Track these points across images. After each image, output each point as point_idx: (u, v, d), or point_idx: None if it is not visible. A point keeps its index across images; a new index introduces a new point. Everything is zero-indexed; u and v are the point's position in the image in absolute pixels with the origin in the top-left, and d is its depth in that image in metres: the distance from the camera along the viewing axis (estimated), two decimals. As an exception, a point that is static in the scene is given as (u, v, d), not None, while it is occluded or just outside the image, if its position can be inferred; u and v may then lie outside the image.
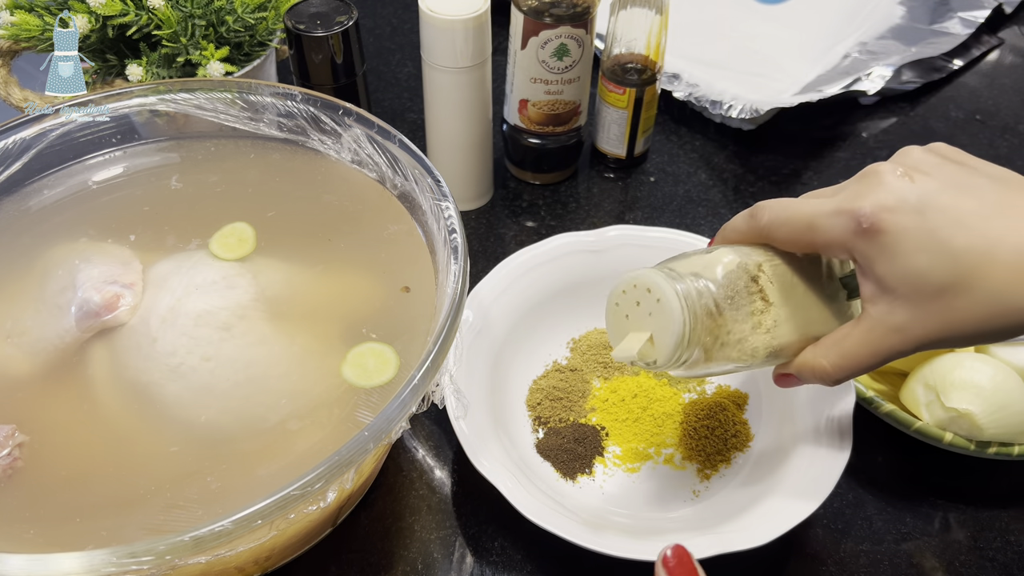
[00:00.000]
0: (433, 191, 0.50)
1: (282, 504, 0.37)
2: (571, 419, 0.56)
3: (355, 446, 0.39)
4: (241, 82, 0.57)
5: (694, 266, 0.42)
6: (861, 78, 0.81)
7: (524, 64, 0.66)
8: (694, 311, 0.41)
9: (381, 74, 0.86)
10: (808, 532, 0.53)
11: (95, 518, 0.42)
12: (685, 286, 0.41)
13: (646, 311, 0.42)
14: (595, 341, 0.60)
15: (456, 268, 0.46)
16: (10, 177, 0.55)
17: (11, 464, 0.43)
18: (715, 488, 0.53)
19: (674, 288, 0.41)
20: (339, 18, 0.62)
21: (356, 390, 0.47)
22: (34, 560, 0.35)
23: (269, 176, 0.58)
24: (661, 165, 0.77)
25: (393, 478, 0.55)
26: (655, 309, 0.42)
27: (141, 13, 0.61)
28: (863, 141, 0.80)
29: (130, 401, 0.46)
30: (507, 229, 0.72)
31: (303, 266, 0.53)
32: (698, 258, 0.43)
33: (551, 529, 0.46)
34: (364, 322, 0.49)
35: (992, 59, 0.89)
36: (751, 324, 0.42)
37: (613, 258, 0.60)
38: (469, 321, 0.56)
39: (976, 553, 0.52)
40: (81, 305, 0.49)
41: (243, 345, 0.48)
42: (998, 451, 0.52)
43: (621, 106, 0.71)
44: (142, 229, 0.54)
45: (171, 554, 0.35)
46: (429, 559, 0.52)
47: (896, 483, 0.55)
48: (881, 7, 0.90)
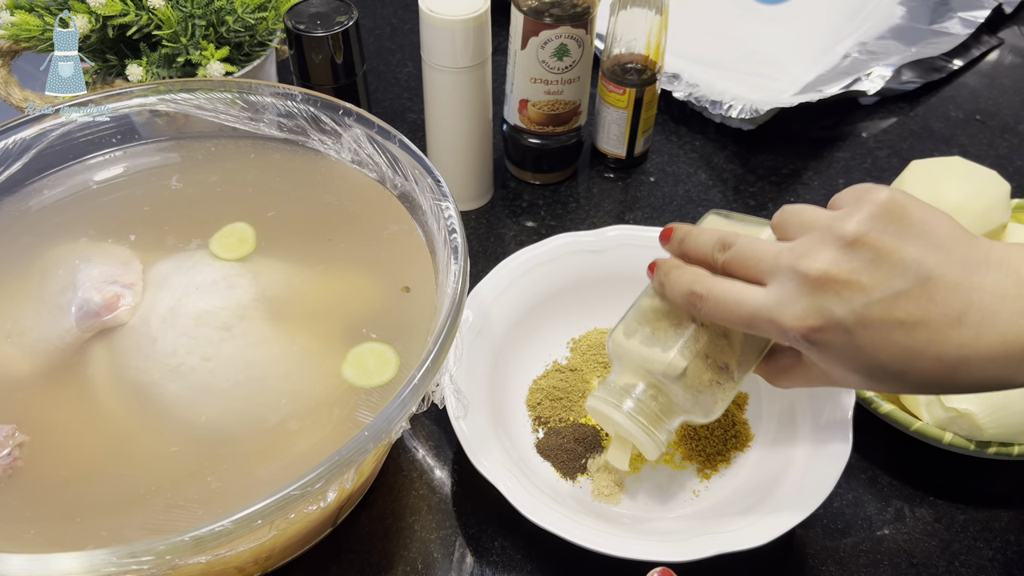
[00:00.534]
0: (433, 191, 0.50)
1: (282, 504, 0.37)
2: (571, 419, 0.56)
3: (355, 446, 0.39)
4: (241, 82, 0.57)
5: (652, 364, 0.46)
6: (861, 78, 0.81)
7: (524, 64, 0.66)
8: (666, 431, 0.47)
9: (381, 74, 0.86)
10: (808, 532, 0.53)
11: (95, 518, 0.42)
12: (646, 412, 0.47)
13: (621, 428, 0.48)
14: (595, 341, 0.60)
15: (456, 268, 0.46)
16: (10, 177, 0.55)
17: (11, 464, 0.43)
18: (715, 488, 0.53)
19: (640, 425, 0.47)
20: (339, 18, 0.62)
21: (356, 390, 0.47)
22: (34, 560, 0.35)
23: (269, 176, 0.58)
24: (661, 165, 0.77)
25: (393, 478, 0.55)
26: (626, 434, 0.48)
27: (141, 13, 0.61)
28: (863, 141, 0.80)
29: (130, 401, 0.46)
30: (507, 229, 0.72)
31: (303, 266, 0.53)
32: (654, 355, 0.46)
33: (551, 529, 0.46)
34: (364, 322, 0.49)
35: (992, 59, 0.89)
36: (713, 388, 0.47)
37: (613, 258, 0.60)
38: (469, 321, 0.56)
39: (976, 553, 0.52)
40: (81, 305, 0.49)
41: (243, 345, 0.48)
42: (998, 451, 0.52)
43: (621, 106, 0.71)
44: (142, 229, 0.54)
45: (171, 554, 0.35)
46: (429, 559, 0.52)
47: (896, 483, 0.55)
48: (881, 7, 0.90)
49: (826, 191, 0.74)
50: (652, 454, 0.48)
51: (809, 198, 0.74)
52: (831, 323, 0.39)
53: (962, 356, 0.38)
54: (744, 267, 0.43)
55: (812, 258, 0.39)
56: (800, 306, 0.40)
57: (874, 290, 0.38)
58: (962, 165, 0.62)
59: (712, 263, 0.44)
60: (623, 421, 0.47)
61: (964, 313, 0.38)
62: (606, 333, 0.60)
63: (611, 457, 0.50)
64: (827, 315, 0.39)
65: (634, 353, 0.47)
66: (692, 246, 0.46)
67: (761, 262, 0.42)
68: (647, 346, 0.46)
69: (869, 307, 0.39)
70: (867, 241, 0.39)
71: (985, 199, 0.59)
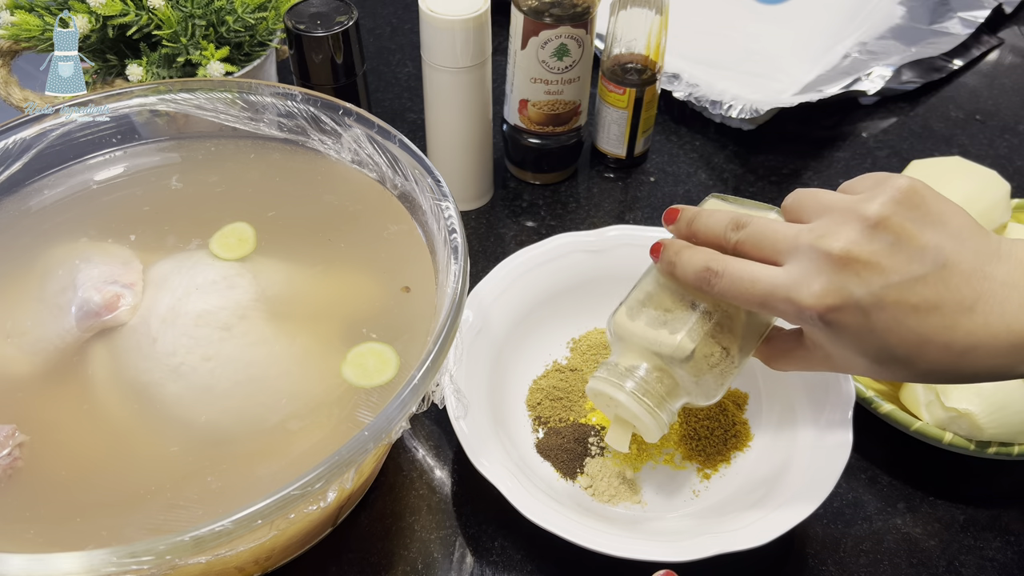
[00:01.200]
0: (433, 191, 0.50)
1: (282, 504, 0.37)
2: (571, 419, 0.56)
3: (355, 446, 0.39)
4: (241, 82, 0.57)
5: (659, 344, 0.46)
6: (861, 78, 0.81)
7: (524, 64, 0.66)
8: (669, 412, 0.47)
9: (381, 74, 0.86)
10: (808, 532, 0.53)
11: (95, 518, 0.42)
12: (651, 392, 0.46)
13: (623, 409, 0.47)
14: (595, 341, 0.60)
15: (456, 268, 0.46)
16: (10, 177, 0.55)
17: (11, 464, 0.43)
18: (715, 488, 0.53)
19: (645, 406, 0.46)
20: (339, 18, 0.62)
21: (356, 390, 0.47)
22: (34, 560, 0.35)
23: (269, 176, 0.58)
24: (661, 165, 0.77)
25: (393, 478, 0.55)
26: (629, 415, 0.47)
27: (141, 13, 0.61)
28: (863, 141, 0.80)
29: (130, 401, 0.46)
30: (507, 229, 0.72)
31: (303, 266, 0.53)
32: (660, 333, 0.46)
33: (551, 529, 0.46)
34: (364, 322, 0.49)
35: (992, 59, 0.89)
36: (716, 371, 0.46)
37: (613, 258, 0.60)
38: (469, 321, 0.56)
39: (976, 553, 0.52)
40: (81, 305, 0.49)
41: (243, 345, 0.48)
42: (998, 451, 0.52)
43: (621, 106, 0.71)
44: (142, 229, 0.54)
45: (171, 554, 0.35)
46: (429, 559, 0.52)
47: (896, 483, 0.55)
48: (881, 7, 0.90)
49: (826, 191, 0.74)
50: (654, 436, 0.47)
51: (809, 198, 0.74)
52: (849, 303, 0.39)
53: (969, 344, 0.39)
54: (759, 247, 0.42)
55: (834, 237, 0.39)
56: (819, 284, 0.39)
57: (893, 273, 0.39)
58: (962, 165, 0.62)
59: (723, 243, 0.44)
60: (627, 401, 0.46)
61: (976, 301, 0.39)
62: (605, 333, 0.60)
63: (611, 440, 0.50)
64: (846, 295, 0.39)
65: (639, 335, 0.46)
66: (703, 226, 0.45)
67: (779, 242, 0.42)
68: (653, 328, 0.46)
69: (887, 289, 0.39)
70: (889, 224, 0.39)
71: (985, 199, 0.59)
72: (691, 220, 0.46)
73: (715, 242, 0.45)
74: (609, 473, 0.53)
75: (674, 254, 0.45)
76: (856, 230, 0.39)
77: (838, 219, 0.40)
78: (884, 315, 0.39)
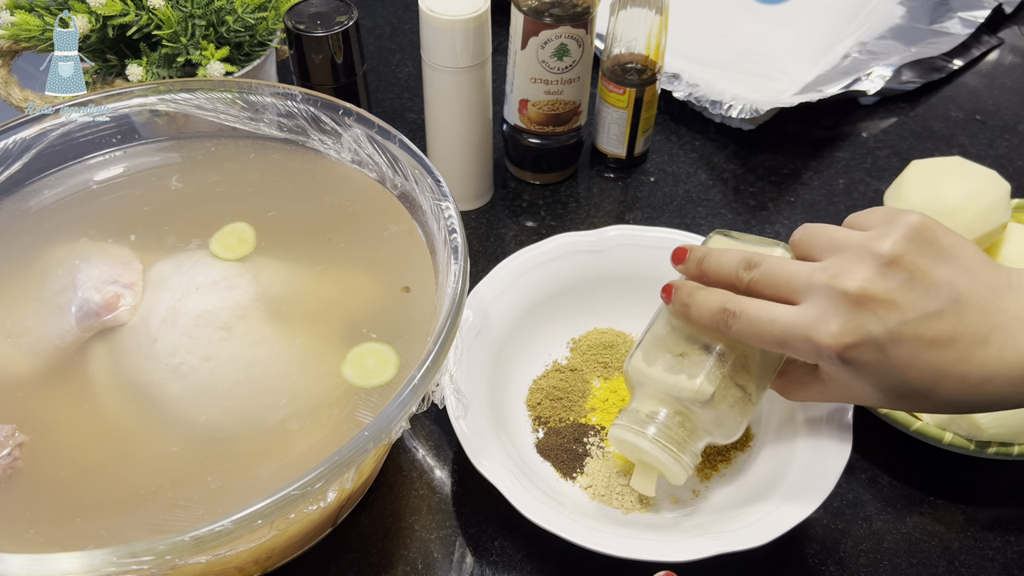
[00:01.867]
0: (433, 191, 0.50)
1: (282, 504, 0.37)
2: (571, 419, 0.56)
3: (355, 446, 0.39)
4: (241, 82, 0.57)
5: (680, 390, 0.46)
6: (861, 78, 0.81)
7: (524, 64, 0.66)
8: (692, 454, 0.47)
9: (381, 74, 0.86)
10: (808, 532, 0.53)
11: (95, 518, 0.42)
12: (675, 440, 0.46)
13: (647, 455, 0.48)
14: (595, 341, 0.60)
15: (456, 268, 0.46)
16: (10, 177, 0.55)
17: (11, 464, 0.43)
18: (715, 488, 0.53)
19: (668, 451, 0.46)
20: (339, 18, 0.62)
21: (356, 390, 0.47)
22: (34, 560, 0.35)
23: (269, 176, 0.58)
24: (661, 165, 0.77)
25: (393, 478, 0.55)
26: (653, 460, 0.47)
27: (141, 13, 0.61)
28: (863, 141, 0.80)
29: (130, 401, 0.46)
30: (507, 229, 0.72)
31: (303, 266, 0.53)
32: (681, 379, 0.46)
33: (551, 529, 0.46)
34: (364, 322, 0.49)
35: (992, 59, 0.89)
36: (735, 411, 0.47)
37: (613, 258, 0.60)
38: (469, 321, 0.56)
39: (976, 553, 0.52)
40: (81, 305, 0.49)
41: (243, 345, 0.48)
42: (998, 451, 0.52)
43: (621, 106, 0.71)
44: (142, 229, 0.54)
45: (171, 554, 0.35)
46: (429, 559, 0.52)
47: (896, 483, 0.55)
48: (881, 7, 0.90)
49: (826, 191, 0.75)
50: (680, 479, 0.48)
51: (809, 198, 0.74)
52: (867, 341, 0.40)
53: (985, 375, 0.39)
54: (774, 286, 0.43)
55: (849, 276, 0.40)
56: (836, 324, 0.40)
57: (909, 309, 0.39)
58: (962, 165, 0.62)
59: (736, 283, 0.44)
60: (651, 448, 0.46)
61: (990, 333, 0.39)
62: (606, 333, 0.60)
63: (636, 484, 0.50)
64: (863, 333, 0.40)
65: (658, 380, 0.47)
66: (714, 266, 0.45)
67: (792, 281, 0.42)
68: (672, 373, 0.46)
69: (904, 326, 0.39)
70: (902, 262, 0.40)
71: (985, 199, 0.59)
72: (701, 260, 0.46)
73: (727, 282, 0.45)
74: (609, 473, 0.53)
75: (687, 296, 0.45)
76: (871, 268, 0.40)
77: (852, 257, 0.41)
78: (901, 350, 0.40)
